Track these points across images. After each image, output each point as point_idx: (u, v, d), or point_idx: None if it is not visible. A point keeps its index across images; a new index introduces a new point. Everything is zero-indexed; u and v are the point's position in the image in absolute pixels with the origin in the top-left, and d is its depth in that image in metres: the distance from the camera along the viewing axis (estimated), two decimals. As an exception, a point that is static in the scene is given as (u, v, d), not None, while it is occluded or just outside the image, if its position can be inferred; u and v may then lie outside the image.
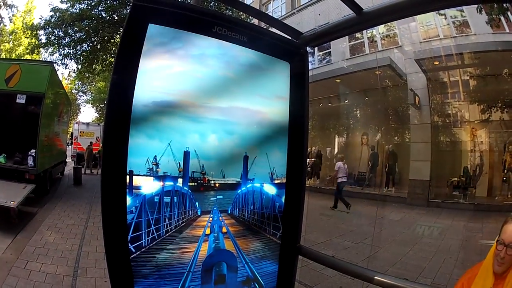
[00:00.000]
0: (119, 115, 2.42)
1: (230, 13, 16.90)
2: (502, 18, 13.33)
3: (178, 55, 2.66)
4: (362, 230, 11.74)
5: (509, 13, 12.99)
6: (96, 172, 27.21)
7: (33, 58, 27.99)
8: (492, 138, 14.60)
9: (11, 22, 35.65)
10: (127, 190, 2.50)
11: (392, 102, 18.01)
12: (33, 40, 23.39)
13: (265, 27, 4.24)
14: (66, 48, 21.68)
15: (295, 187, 3.36)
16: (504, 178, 13.58)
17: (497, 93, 14.26)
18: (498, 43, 13.33)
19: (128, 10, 2.56)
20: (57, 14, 20.41)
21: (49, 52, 22.26)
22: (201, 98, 2.74)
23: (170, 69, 2.63)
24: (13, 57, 31.28)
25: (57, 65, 21.57)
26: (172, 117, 2.64)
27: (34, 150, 13.06)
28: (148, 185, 2.61)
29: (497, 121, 14.22)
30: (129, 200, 2.51)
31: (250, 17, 9.08)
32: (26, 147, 13.33)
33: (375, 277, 2.78)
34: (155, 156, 2.59)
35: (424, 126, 15.53)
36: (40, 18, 22.08)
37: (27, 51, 28.63)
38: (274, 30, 3.49)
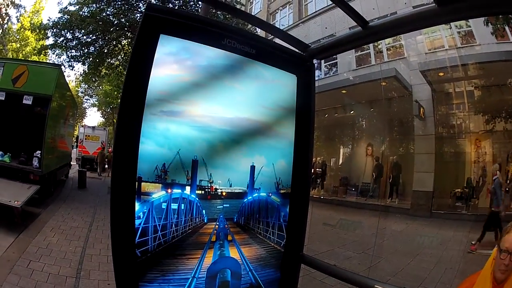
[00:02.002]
0: (131, 122, 2.47)
1: (239, 21, 16.94)
2: (506, 28, 13.35)
3: (187, 66, 2.70)
4: (365, 241, 11.75)
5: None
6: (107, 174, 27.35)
7: (41, 59, 28.15)
8: (495, 149, 14.55)
9: (18, 21, 35.87)
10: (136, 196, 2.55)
11: (397, 113, 17.99)
12: (40, 42, 23.49)
13: (271, 38, 4.29)
14: (73, 51, 21.76)
15: (300, 197, 3.41)
16: (507, 189, 13.54)
17: (501, 103, 14.23)
18: (503, 53, 13.33)
19: (140, 19, 2.61)
20: (66, 16, 20.53)
21: (56, 54, 22.35)
22: (209, 108, 2.79)
23: (180, 78, 2.67)
24: (20, 57, 31.43)
25: (64, 67, 21.66)
26: (181, 126, 2.68)
27: (39, 151, 13.11)
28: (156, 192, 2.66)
29: (501, 131, 14.18)
30: (137, 205, 2.54)
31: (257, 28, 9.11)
32: (31, 148, 13.38)
33: (376, 286, 2.80)
34: (164, 163, 2.63)
35: (428, 137, 15.53)
36: (49, 20, 22.20)
37: (35, 52, 28.74)
38: (280, 41, 3.54)
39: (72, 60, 22.12)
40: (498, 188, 10.95)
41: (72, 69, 23.44)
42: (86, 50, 21.84)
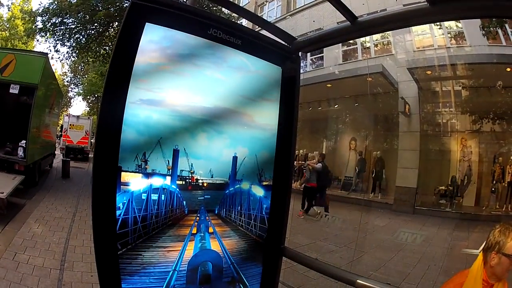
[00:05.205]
0: (113, 111, 2.42)
1: (227, 12, 16.86)
2: (499, 30, 13.40)
3: (173, 55, 2.66)
4: (347, 235, 11.82)
5: (507, 25, 13.04)
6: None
7: (29, 44, 27.91)
8: (482, 149, 14.67)
9: (9, 10, 35.52)
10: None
11: (382, 109, 18.02)
12: (29, 25, 23.26)
13: (258, 29, 4.26)
14: (62, 36, 21.56)
15: (282, 189, 3.39)
16: (493, 189, 13.68)
17: (489, 105, 14.32)
18: (494, 56, 13.40)
19: (127, 8, 2.54)
20: (56, 2, 20.37)
21: (45, 38, 22.13)
22: (192, 98, 2.75)
23: (164, 67, 2.63)
24: (8, 46, 31.09)
25: (50, 51, 21.48)
26: (163, 115, 2.63)
27: (24, 141, 13.02)
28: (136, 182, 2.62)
29: (487, 132, 14.30)
30: (117, 196, 2.51)
31: (244, 19, 9.05)
32: (17, 138, 13.28)
33: (358, 281, 2.79)
34: (144, 152, 2.58)
35: (413, 134, 15.62)
36: (39, 5, 22.07)
37: (23, 35, 28.49)
38: (266, 33, 3.51)
39: (58, 41, 21.86)
40: (307, 171, 15.04)
41: (57, 52, 22.86)
42: (74, 35, 21.64)
